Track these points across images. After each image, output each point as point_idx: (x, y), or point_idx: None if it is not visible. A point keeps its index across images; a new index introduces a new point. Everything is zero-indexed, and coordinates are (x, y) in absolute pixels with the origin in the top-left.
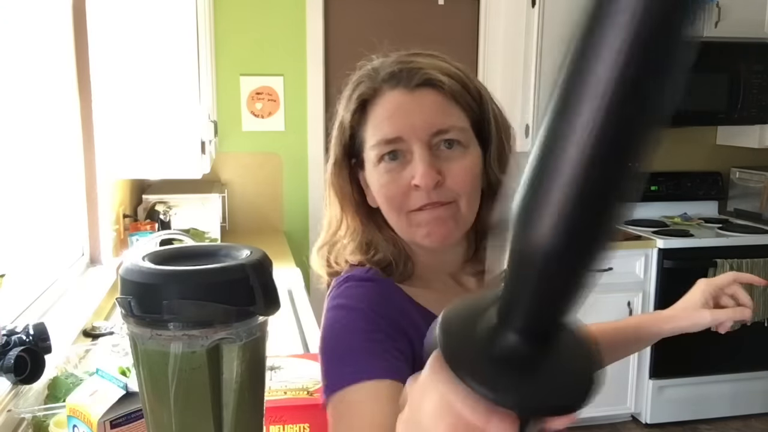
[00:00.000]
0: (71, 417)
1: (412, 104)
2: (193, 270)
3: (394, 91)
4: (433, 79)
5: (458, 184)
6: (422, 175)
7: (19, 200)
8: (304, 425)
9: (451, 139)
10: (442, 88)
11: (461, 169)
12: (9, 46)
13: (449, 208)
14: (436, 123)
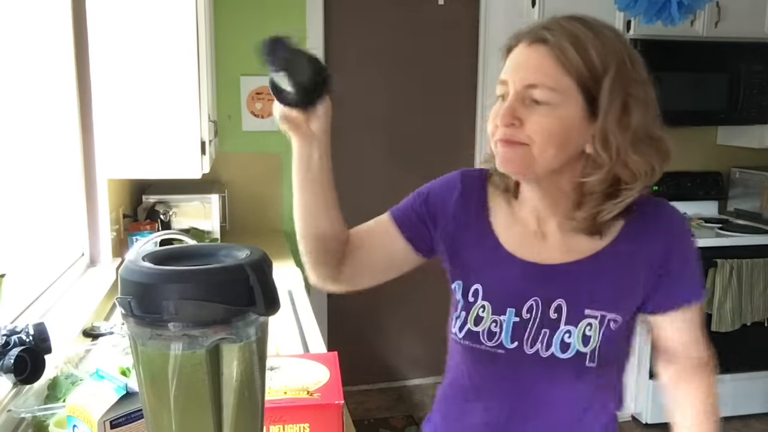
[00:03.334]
0: (71, 417)
1: (522, 56)
2: (193, 270)
3: (520, 45)
4: (546, 37)
5: (532, 132)
6: (500, 114)
7: (18, 200)
8: (304, 425)
9: (536, 96)
10: (552, 47)
11: (537, 122)
12: (9, 46)
13: (520, 148)
14: (529, 77)
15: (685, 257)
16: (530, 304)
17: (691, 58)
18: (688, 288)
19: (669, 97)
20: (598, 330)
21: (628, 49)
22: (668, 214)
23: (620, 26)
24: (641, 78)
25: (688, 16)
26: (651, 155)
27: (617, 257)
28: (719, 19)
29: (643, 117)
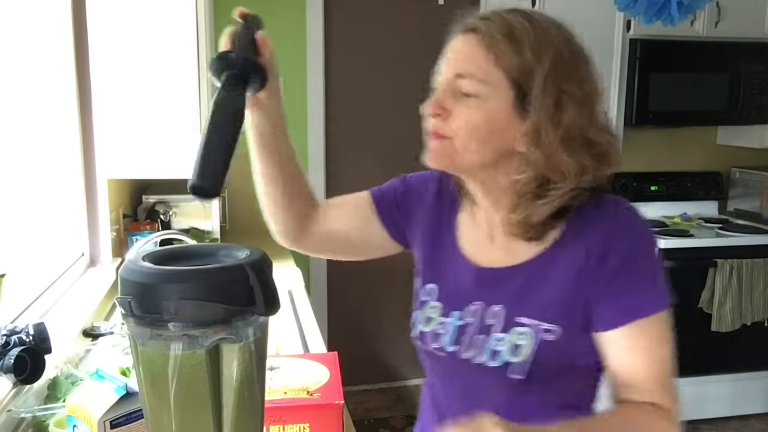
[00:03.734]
0: (71, 417)
1: (454, 46)
2: (193, 270)
3: (455, 34)
4: (478, 27)
5: (456, 125)
6: (427, 104)
7: (18, 200)
8: (304, 425)
9: (464, 88)
10: (483, 37)
11: (462, 114)
12: (8, 46)
13: (445, 142)
14: (458, 67)
15: (631, 261)
16: (474, 308)
17: (691, 58)
18: (636, 298)
19: (669, 97)
20: (532, 341)
21: (572, 46)
22: (614, 212)
23: (620, 26)
24: (581, 77)
25: (688, 16)
26: (583, 155)
27: (556, 262)
28: (719, 19)
29: (578, 116)
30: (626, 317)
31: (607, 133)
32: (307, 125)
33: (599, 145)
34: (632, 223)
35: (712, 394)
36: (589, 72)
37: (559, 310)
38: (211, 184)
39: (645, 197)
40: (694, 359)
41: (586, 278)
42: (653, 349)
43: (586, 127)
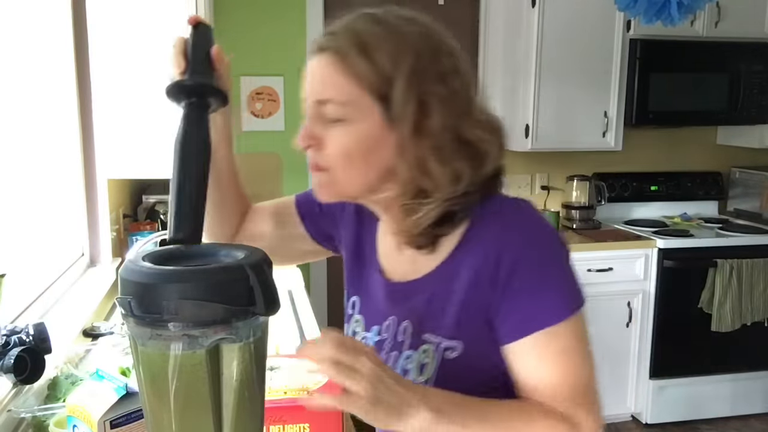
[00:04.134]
0: (71, 417)
1: (309, 69)
2: (193, 270)
3: (309, 55)
4: (327, 45)
5: (330, 154)
6: (298, 137)
7: (18, 200)
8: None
9: (328, 114)
10: (334, 54)
11: (333, 142)
12: (8, 46)
13: (325, 174)
14: (317, 92)
15: (525, 268)
16: (388, 323)
17: (691, 58)
18: (532, 308)
19: (669, 97)
20: (435, 358)
21: (431, 41)
22: (507, 216)
23: (620, 26)
24: (445, 72)
25: (688, 16)
26: (458, 160)
27: (455, 273)
28: (719, 19)
29: (447, 117)
30: (523, 329)
31: (485, 130)
32: None
33: (475, 145)
34: (526, 226)
35: (712, 394)
36: (455, 64)
37: (459, 324)
38: (190, 234)
39: (645, 197)
40: (694, 359)
41: (484, 288)
42: (559, 362)
43: (458, 128)
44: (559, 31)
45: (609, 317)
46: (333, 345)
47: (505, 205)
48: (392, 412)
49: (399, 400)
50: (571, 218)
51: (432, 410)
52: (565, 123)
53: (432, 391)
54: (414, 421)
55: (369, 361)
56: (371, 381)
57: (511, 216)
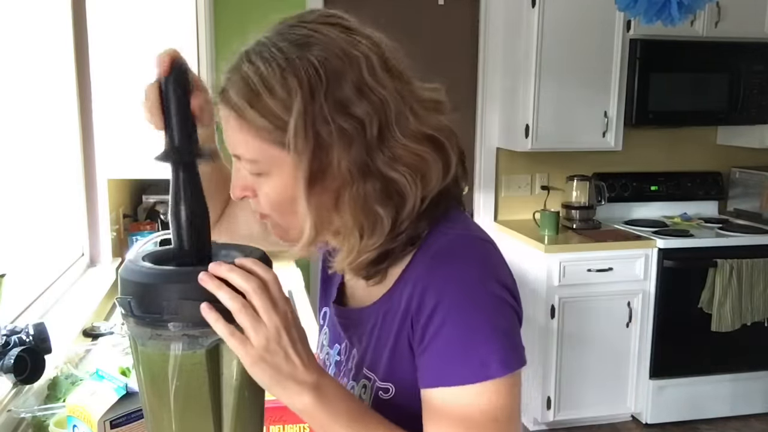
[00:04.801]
0: (71, 417)
1: (220, 116)
2: (193, 270)
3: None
4: (223, 88)
5: (262, 205)
6: (231, 189)
7: (18, 201)
8: (304, 425)
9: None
10: (230, 106)
11: (260, 193)
12: (8, 46)
13: (268, 221)
14: (230, 146)
15: (443, 312)
16: (344, 345)
17: (691, 58)
18: (437, 362)
19: (669, 97)
20: (370, 396)
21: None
22: (438, 254)
23: (620, 26)
24: (348, 96)
25: (688, 16)
26: (373, 204)
27: (392, 304)
28: (719, 19)
29: (353, 153)
30: (425, 380)
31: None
32: None
33: (394, 183)
34: (453, 269)
35: (712, 394)
36: (364, 82)
37: (391, 367)
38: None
39: (645, 197)
40: (694, 359)
41: (408, 328)
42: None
43: (369, 165)
44: (559, 31)
45: (609, 317)
46: (257, 285)
47: (455, 237)
48: (276, 378)
49: (289, 370)
50: (571, 218)
51: (315, 398)
52: (565, 123)
53: (330, 382)
54: (294, 398)
55: (278, 318)
56: (268, 337)
57: (454, 254)
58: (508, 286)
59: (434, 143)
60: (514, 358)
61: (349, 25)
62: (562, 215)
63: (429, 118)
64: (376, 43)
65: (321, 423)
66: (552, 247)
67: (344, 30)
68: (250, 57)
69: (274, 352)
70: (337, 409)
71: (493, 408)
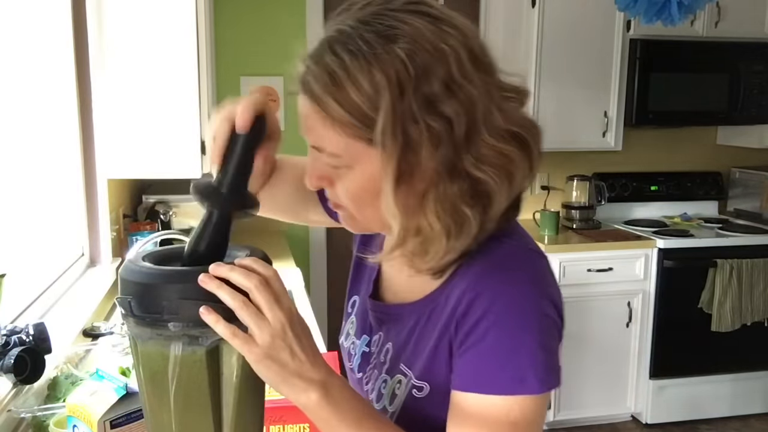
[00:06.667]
0: (71, 417)
1: (299, 108)
2: (193, 270)
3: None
4: (303, 80)
5: (340, 195)
6: (306, 178)
7: (18, 201)
8: (304, 425)
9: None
10: (312, 99)
11: (341, 186)
12: (8, 46)
13: (343, 210)
14: (310, 139)
15: (490, 320)
16: (376, 338)
17: (691, 58)
18: (470, 367)
19: (669, 97)
20: (404, 392)
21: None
22: (505, 259)
23: (620, 26)
24: (437, 92)
25: (688, 16)
26: (461, 205)
27: (439, 303)
28: (719, 19)
29: (442, 153)
30: (459, 383)
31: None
32: None
33: (481, 183)
34: (508, 282)
35: (712, 394)
36: (452, 77)
37: (429, 368)
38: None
39: (645, 197)
40: (694, 359)
41: (451, 331)
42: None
43: (457, 165)
44: (559, 31)
45: (609, 317)
46: (258, 282)
47: (511, 248)
48: (282, 375)
49: (296, 367)
50: (571, 218)
51: (322, 396)
52: (565, 123)
53: (337, 381)
54: (300, 395)
55: (282, 314)
56: (272, 333)
57: (510, 266)
58: (558, 305)
59: (519, 141)
60: (552, 377)
61: (437, 14)
62: (562, 215)
63: (514, 113)
64: (464, 34)
65: (326, 422)
66: (552, 247)
67: (432, 20)
68: (333, 47)
69: (280, 349)
70: (343, 408)
71: (521, 422)
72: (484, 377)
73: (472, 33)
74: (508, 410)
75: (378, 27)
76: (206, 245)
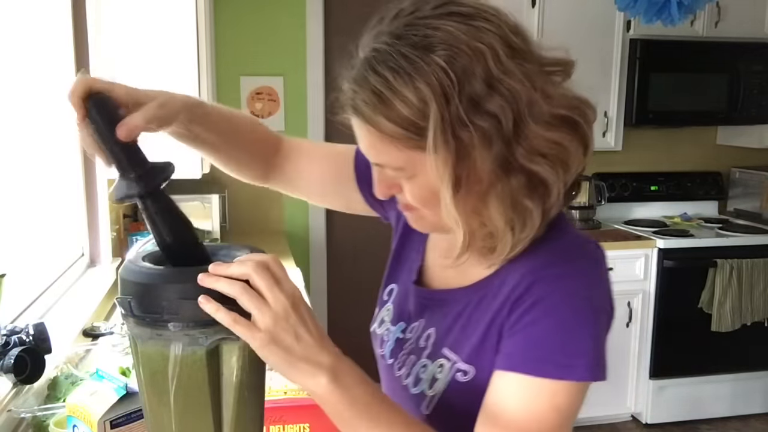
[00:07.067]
0: (71, 417)
1: (354, 128)
2: (192, 270)
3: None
4: (353, 105)
5: (410, 198)
6: (375, 190)
7: (19, 201)
8: (304, 425)
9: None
10: (365, 119)
11: (408, 191)
12: (8, 46)
13: (414, 212)
14: (370, 155)
15: (548, 305)
16: (415, 325)
17: (691, 58)
18: (519, 349)
19: (669, 97)
20: (447, 376)
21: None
22: (568, 252)
23: (620, 26)
24: (481, 92)
25: (688, 16)
26: (521, 199)
27: (485, 293)
28: (719, 19)
29: (495, 150)
30: (504, 363)
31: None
32: (307, 125)
33: (536, 175)
34: (567, 271)
35: (712, 394)
36: (492, 74)
37: (478, 351)
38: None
39: (645, 197)
40: (694, 359)
41: (504, 316)
42: (519, 415)
43: (510, 159)
44: (559, 31)
45: None
46: (255, 266)
47: (573, 240)
48: (288, 359)
49: (303, 350)
50: (571, 218)
51: (331, 380)
52: None
53: (347, 366)
54: (309, 380)
55: (283, 296)
56: (275, 317)
57: (570, 255)
58: (612, 299)
59: (570, 124)
60: (600, 368)
61: (467, 11)
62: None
63: (560, 96)
64: (497, 25)
65: (336, 407)
66: None
67: (463, 19)
68: (375, 67)
69: (283, 332)
70: (353, 393)
71: (564, 409)
72: (533, 359)
73: (504, 20)
74: (554, 395)
75: (413, 39)
76: (169, 233)
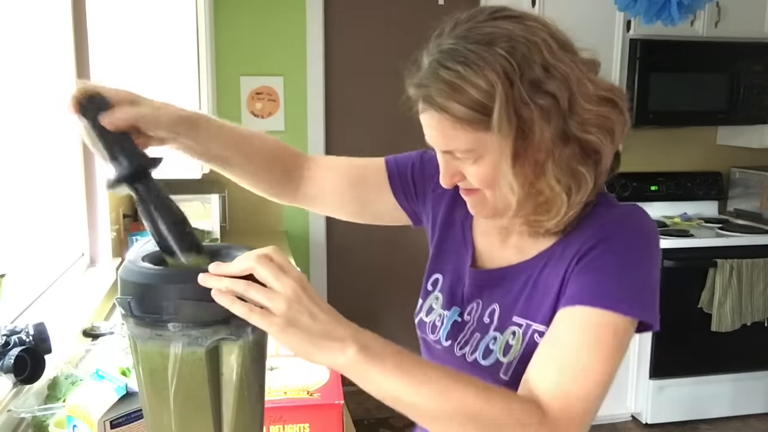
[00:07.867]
0: (71, 417)
1: (424, 122)
2: (193, 270)
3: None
4: (426, 97)
5: (475, 181)
6: (441, 180)
7: (19, 201)
8: (304, 425)
9: (458, 157)
10: (438, 109)
11: (473, 174)
12: (8, 46)
13: (476, 194)
14: (441, 145)
15: (612, 252)
16: (472, 306)
17: (691, 58)
18: (581, 287)
19: (669, 97)
20: (521, 340)
21: (518, 50)
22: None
23: (620, 26)
24: (539, 76)
25: (688, 16)
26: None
27: (559, 256)
28: (719, 19)
29: (553, 125)
30: (577, 298)
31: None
32: (307, 125)
33: (589, 144)
34: (631, 229)
35: (712, 394)
36: (547, 61)
37: (550, 308)
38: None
39: (645, 197)
40: (694, 359)
41: (572, 266)
42: (581, 347)
43: (566, 132)
44: None
45: None
46: (257, 258)
47: (628, 206)
48: (309, 339)
49: (321, 328)
50: None
51: (359, 349)
52: None
53: (368, 333)
54: (336, 355)
55: (290, 280)
56: (288, 300)
57: (626, 216)
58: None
59: (611, 103)
60: (654, 313)
61: (518, 14)
62: None
63: (599, 81)
64: (546, 25)
65: (368, 375)
66: None
67: (517, 20)
68: (444, 64)
69: (299, 313)
70: (383, 357)
71: (623, 343)
72: (598, 291)
73: (551, 24)
74: (615, 327)
75: (476, 37)
76: (163, 222)
